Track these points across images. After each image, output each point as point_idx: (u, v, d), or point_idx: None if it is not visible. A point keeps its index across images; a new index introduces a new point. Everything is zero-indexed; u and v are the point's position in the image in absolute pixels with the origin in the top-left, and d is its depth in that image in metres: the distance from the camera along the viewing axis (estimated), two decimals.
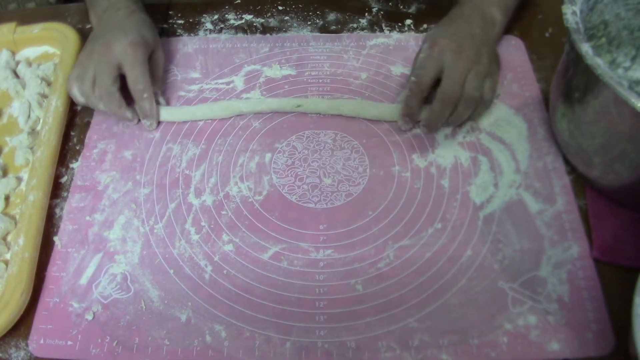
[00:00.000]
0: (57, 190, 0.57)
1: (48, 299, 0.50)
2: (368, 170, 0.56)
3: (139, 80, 0.57)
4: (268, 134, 0.60)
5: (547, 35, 0.67)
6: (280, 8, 0.73)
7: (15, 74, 0.66)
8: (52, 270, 0.51)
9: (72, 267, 0.51)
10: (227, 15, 0.72)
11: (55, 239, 0.53)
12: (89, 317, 0.48)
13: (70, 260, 0.52)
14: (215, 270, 0.51)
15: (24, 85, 0.64)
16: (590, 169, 0.50)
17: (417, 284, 0.49)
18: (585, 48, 0.44)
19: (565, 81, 0.50)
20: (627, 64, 0.59)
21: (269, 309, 0.48)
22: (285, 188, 0.56)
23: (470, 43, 0.54)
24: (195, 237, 0.53)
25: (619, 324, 0.46)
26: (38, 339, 0.47)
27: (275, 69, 0.65)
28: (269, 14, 0.72)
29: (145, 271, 0.51)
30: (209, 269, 0.51)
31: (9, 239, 0.53)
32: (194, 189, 0.56)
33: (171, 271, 0.51)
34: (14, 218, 0.54)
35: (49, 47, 0.68)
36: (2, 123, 0.63)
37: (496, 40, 0.61)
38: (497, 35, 0.61)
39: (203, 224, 0.54)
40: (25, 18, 0.69)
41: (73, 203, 0.56)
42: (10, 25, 0.67)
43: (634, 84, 0.59)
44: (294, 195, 0.55)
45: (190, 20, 0.72)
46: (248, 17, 0.72)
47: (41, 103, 0.62)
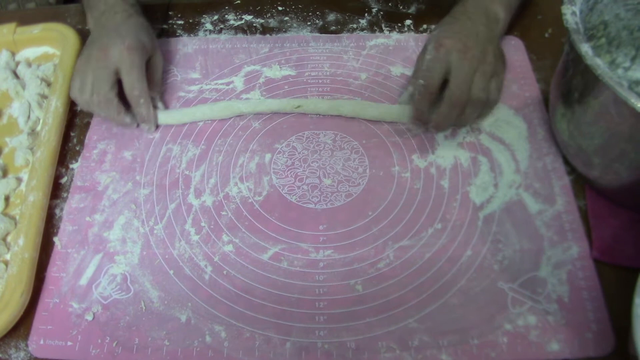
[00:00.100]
0: (57, 190, 0.57)
1: (48, 300, 0.50)
2: (368, 171, 0.56)
3: (135, 85, 0.56)
4: (268, 135, 0.60)
5: (547, 35, 0.67)
6: (280, 8, 0.73)
7: (15, 75, 0.65)
8: (52, 271, 0.51)
9: (72, 268, 0.51)
10: (227, 15, 0.72)
11: (55, 239, 0.53)
12: (89, 318, 0.48)
13: (70, 261, 0.52)
14: (215, 271, 0.51)
15: (23, 86, 0.64)
16: (590, 169, 0.50)
17: (417, 284, 0.49)
18: (585, 48, 0.44)
19: (565, 81, 0.50)
20: (627, 64, 0.59)
21: (269, 309, 0.48)
22: (285, 188, 0.56)
23: (475, 42, 0.53)
24: (195, 238, 0.53)
25: (618, 324, 0.46)
26: (38, 340, 0.47)
27: (275, 70, 0.65)
28: (269, 15, 0.72)
29: (145, 272, 0.51)
30: (209, 269, 0.51)
31: (9, 239, 0.53)
32: (194, 190, 0.56)
33: (171, 272, 0.51)
34: (13, 218, 0.54)
35: (48, 48, 0.68)
36: (2, 124, 0.63)
37: (500, 38, 0.60)
38: (501, 32, 0.60)
39: (203, 224, 0.54)
40: (25, 18, 0.69)
41: (73, 204, 0.56)
42: (10, 26, 0.67)
43: (633, 84, 0.59)
44: (294, 195, 0.55)
45: (190, 20, 0.72)
46: (248, 18, 0.72)
47: (41, 104, 0.62)
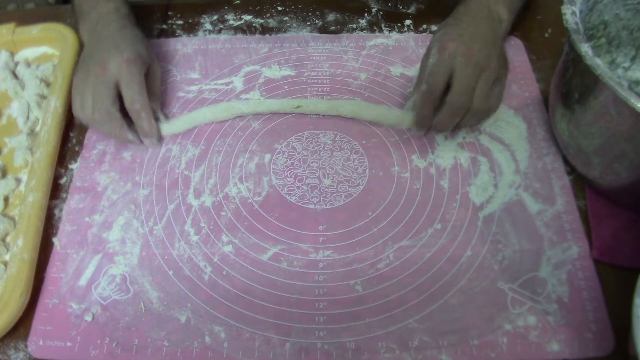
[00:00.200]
0: (57, 191, 0.57)
1: (47, 300, 0.50)
2: (367, 171, 0.56)
3: (135, 99, 0.55)
4: (267, 135, 0.60)
5: (547, 35, 0.67)
6: (279, 8, 0.73)
7: (15, 75, 0.65)
8: (52, 272, 0.51)
9: (72, 268, 0.51)
10: (227, 15, 0.72)
11: (55, 240, 0.53)
12: (88, 318, 0.48)
13: (70, 262, 0.52)
14: (214, 271, 0.51)
15: (23, 86, 0.64)
16: (590, 169, 0.50)
17: (417, 284, 0.49)
18: (585, 48, 0.44)
19: (564, 81, 0.50)
20: (627, 64, 0.59)
21: (269, 309, 0.48)
22: (285, 189, 0.56)
23: (479, 45, 0.53)
24: (195, 238, 0.53)
25: (618, 325, 0.46)
26: (37, 340, 0.47)
27: (274, 70, 0.65)
28: (268, 15, 0.72)
29: (145, 272, 0.51)
30: (209, 270, 0.51)
31: (8, 240, 0.53)
32: (193, 190, 0.56)
33: (170, 272, 0.51)
34: (13, 219, 0.54)
35: (48, 48, 0.68)
36: (1, 124, 0.62)
37: (504, 39, 0.59)
38: (504, 34, 0.59)
39: (202, 224, 0.54)
40: (24, 19, 0.69)
41: (72, 204, 0.56)
42: (10, 26, 0.67)
43: (633, 84, 0.59)
44: (294, 196, 0.55)
45: (190, 20, 0.72)
46: (247, 18, 0.72)
47: (40, 104, 0.62)
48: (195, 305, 0.49)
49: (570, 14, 0.47)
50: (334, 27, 0.70)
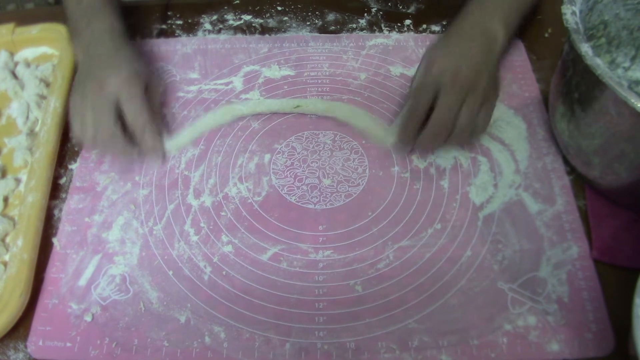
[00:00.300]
0: (56, 191, 0.57)
1: (47, 301, 0.50)
2: (367, 171, 0.56)
3: (138, 114, 0.53)
4: (267, 135, 0.60)
5: (547, 35, 0.67)
6: (279, 8, 0.72)
7: (14, 75, 0.65)
8: (51, 272, 0.51)
9: (71, 269, 0.51)
10: (226, 15, 0.72)
11: (54, 240, 0.53)
12: (88, 319, 0.48)
13: (69, 262, 0.52)
14: (214, 272, 0.50)
15: (22, 86, 0.64)
16: (590, 169, 0.50)
17: (417, 284, 0.49)
18: (585, 48, 0.44)
19: (564, 81, 0.50)
20: (627, 64, 0.59)
21: (269, 310, 0.48)
22: (285, 189, 0.55)
23: (468, 64, 0.50)
24: (195, 238, 0.53)
25: (618, 325, 0.46)
26: (37, 341, 0.47)
27: (274, 70, 0.65)
28: (268, 15, 0.72)
29: (144, 272, 0.51)
30: (208, 270, 0.51)
31: (8, 240, 0.53)
32: (193, 190, 0.56)
33: (170, 272, 0.51)
34: (12, 219, 0.54)
35: (47, 48, 0.68)
36: (1, 124, 0.62)
37: (498, 58, 0.55)
38: (500, 52, 0.55)
39: (202, 225, 0.53)
40: (23, 19, 0.69)
41: (72, 204, 0.55)
42: (9, 26, 0.67)
43: (633, 84, 0.59)
44: (293, 196, 0.55)
45: (189, 20, 0.72)
46: (247, 18, 0.72)
47: (40, 104, 0.62)
48: (195, 306, 0.49)
49: (570, 14, 0.47)
50: (333, 27, 0.70)
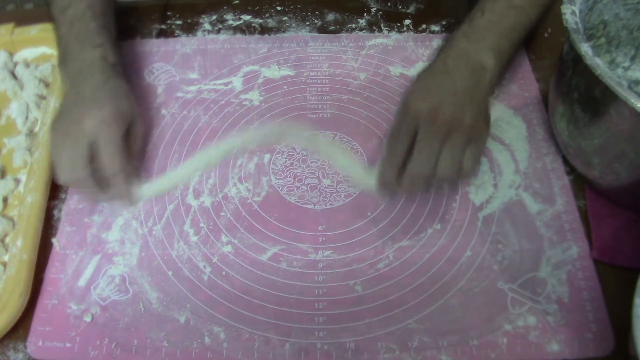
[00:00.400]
0: (56, 191, 0.56)
1: (46, 301, 0.49)
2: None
3: (109, 164, 0.50)
4: None
5: (546, 35, 0.67)
6: (278, 8, 0.72)
7: (13, 75, 0.65)
8: (51, 272, 0.51)
9: (71, 269, 0.51)
10: (226, 15, 0.72)
11: (54, 240, 0.53)
12: (88, 319, 0.48)
13: (69, 262, 0.52)
14: (214, 272, 0.50)
15: (21, 87, 0.64)
16: (590, 169, 0.50)
17: (417, 284, 0.49)
18: (585, 48, 0.44)
19: (564, 81, 0.50)
20: (627, 64, 0.59)
21: (268, 310, 0.48)
22: (284, 189, 0.55)
23: (450, 102, 0.45)
24: (194, 239, 0.53)
25: (618, 325, 0.46)
26: (36, 341, 0.47)
27: (273, 70, 0.65)
28: (268, 15, 0.72)
29: (144, 273, 0.51)
30: (208, 270, 0.51)
31: (7, 240, 0.53)
32: (193, 190, 0.56)
33: (170, 273, 0.51)
34: (12, 220, 0.54)
35: (47, 48, 0.68)
36: (0, 124, 0.62)
37: (489, 91, 0.49)
38: (490, 84, 0.49)
39: (202, 225, 0.53)
40: (23, 19, 0.69)
41: (71, 204, 0.55)
42: (8, 26, 0.67)
43: (633, 84, 0.59)
44: (293, 196, 0.55)
45: (189, 20, 0.72)
46: (246, 18, 0.72)
47: (39, 104, 0.62)
48: (194, 306, 0.49)
49: (570, 14, 0.47)
50: (333, 27, 0.70)
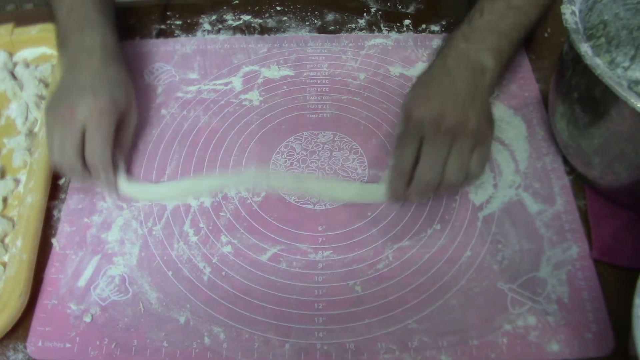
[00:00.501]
0: (55, 192, 0.56)
1: (46, 301, 0.49)
2: (367, 171, 0.56)
3: (95, 153, 0.51)
4: (266, 135, 0.60)
5: (546, 35, 0.67)
6: (278, 8, 0.72)
7: (13, 76, 0.65)
8: (50, 272, 0.51)
9: (70, 269, 0.51)
10: (225, 15, 0.72)
11: (53, 240, 0.53)
12: (87, 319, 0.48)
13: (69, 262, 0.52)
14: (213, 272, 0.50)
15: (21, 87, 0.64)
16: (590, 169, 0.50)
17: (417, 285, 0.49)
18: (585, 48, 0.44)
19: (564, 81, 0.50)
20: (627, 64, 0.59)
21: (268, 310, 0.48)
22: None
23: (453, 106, 0.46)
24: (194, 239, 0.52)
25: (618, 325, 0.46)
26: (36, 342, 0.47)
27: (273, 70, 0.65)
28: (267, 15, 0.72)
29: (144, 273, 0.51)
30: (208, 270, 0.51)
31: (7, 241, 0.53)
32: None
33: (169, 273, 0.51)
34: (11, 220, 0.54)
35: (46, 49, 0.68)
36: (0, 125, 0.62)
37: (489, 92, 0.50)
38: (490, 84, 0.50)
39: (201, 225, 0.53)
40: (23, 19, 0.69)
41: (71, 205, 0.55)
42: (8, 27, 0.67)
43: (633, 84, 0.59)
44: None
45: (188, 21, 0.72)
46: (246, 18, 0.71)
47: (39, 104, 0.62)
48: (194, 306, 0.49)
49: (570, 14, 0.47)
50: (332, 27, 0.70)
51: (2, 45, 0.67)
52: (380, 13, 0.71)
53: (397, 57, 0.66)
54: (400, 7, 0.71)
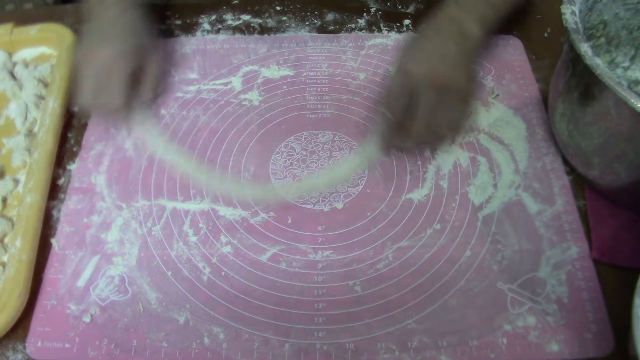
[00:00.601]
0: (55, 192, 0.56)
1: (45, 302, 0.49)
2: (366, 171, 0.56)
3: (111, 98, 0.55)
4: (266, 135, 0.59)
5: (546, 35, 0.67)
6: (278, 8, 0.72)
7: (12, 75, 0.65)
8: (50, 273, 0.51)
9: (70, 269, 0.51)
10: (225, 15, 0.72)
11: (53, 241, 0.53)
12: (87, 320, 0.48)
13: (68, 262, 0.52)
14: (213, 272, 0.50)
15: (20, 87, 0.64)
16: (590, 169, 0.50)
17: (416, 285, 0.49)
18: (585, 48, 0.44)
19: (564, 81, 0.50)
20: (626, 64, 0.59)
21: (268, 310, 0.48)
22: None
23: (444, 67, 0.50)
24: (193, 239, 0.52)
25: (618, 325, 0.46)
26: (35, 342, 0.47)
27: (273, 70, 0.65)
28: (267, 15, 0.72)
29: (143, 273, 0.51)
30: (207, 270, 0.50)
31: (6, 241, 0.53)
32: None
33: (169, 273, 0.51)
34: (11, 220, 0.54)
35: (46, 49, 0.68)
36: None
37: (475, 55, 0.55)
38: (476, 49, 0.54)
39: (201, 225, 0.53)
40: (22, 19, 0.69)
41: (70, 205, 0.55)
42: (7, 27, 0.67)
43: (633, 84, 0.59)
44: (294, 197, 0.55)
45: (188, 21, 0.72)
46: (246, 18, 0.71)
47: (38, 104, 0.62)
48: (194, 306, 0.49)
49: (570, 14, 0.47)
50: (332, 27, 0.70)
51: (2, 45, 0.67)
52: (380, 13, 0.71)
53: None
54: (400, 7, 0.71)
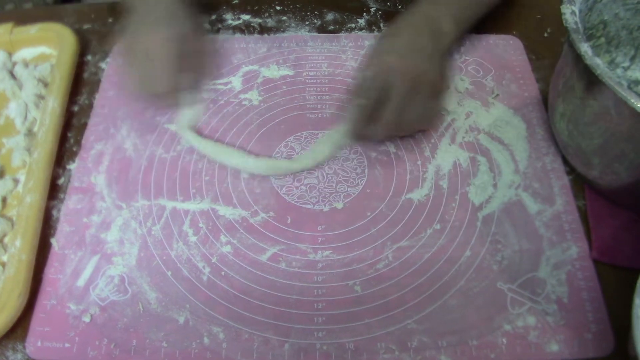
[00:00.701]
0: (54, 191, 0.56)
1: (45, 301, 0.49)
2: (366, 171, 0.56)
3: (158, 81, 0.55)
4: (266, 135, 0.59)
5: (546, 35, 0.67)
6: (278, 8, 0.72)
7: (12, 75, 0.65)
8: (49, 272, 0.51)
9: (70, 269, 0.51)
10: (225, 15, 0.72)
11: (53, 240, 0.53)
12: (87, 319, 0.48)
13: (68, 262, 0.51)
14: (213, 272, 0.50)
15: (20, 86, 0.64)
16: (590, 169, 0.50)
17: (416, 285, 0.49)
18: (585, 48, 0.43)
19: (564, 81, 0.50)
20: (626, 64, 0.59)
21: (268, 310, 0.48)
22: (284, 189, 0.55)
23: (416, 59, 0.51)
24: (193, 239, 0.52)
25: (618, 325, 0.46)
26: (35, 342, 0.47)
27: (273, 70, 0.65)
28: (267, 14, 0.72)
29: (143, 273, 0.51)
30: (207, 270, 0.50)
31: (6, 241, 0.53)
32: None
33: (169, 273, 0.51)
34: (10, 220, 0.54)
35: (45, 48, 0.68)
36: None
37: (447, 51, 0.56)
38: (448, 46, 0.56)
39: (201, 225, 0.53)
40: (22, 19, 0.69)
41: (70, 205, 0.55)
42: (7, 26, 0.67)
43: (633, 84, 0.59)
44: (292, 196, 0.55)
45: None
46: (246, 17, 0.71)
47: (38, 104, 0.62)
48: (193, 306, 0.49)
49: (570, 14, 0.47)
50: (332, 27, 0.70)
51: (1, 44, 0.67)
52: (380, 13, 0.71)
53: None
54: (400, 7, 0.71)
